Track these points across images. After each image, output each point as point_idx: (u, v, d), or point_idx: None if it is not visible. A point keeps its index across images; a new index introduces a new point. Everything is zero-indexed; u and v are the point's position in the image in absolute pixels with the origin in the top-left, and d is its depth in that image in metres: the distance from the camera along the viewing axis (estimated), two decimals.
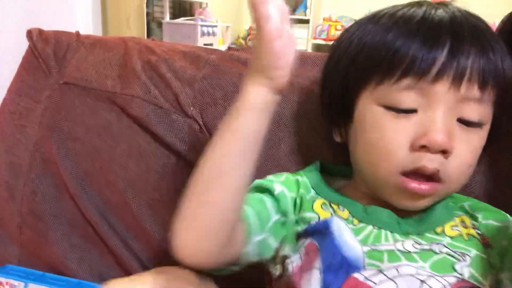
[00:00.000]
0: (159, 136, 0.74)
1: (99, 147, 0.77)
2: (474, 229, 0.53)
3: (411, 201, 0.50)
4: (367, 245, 0.50)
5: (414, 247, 0.50)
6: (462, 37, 0.47)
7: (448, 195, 0.54)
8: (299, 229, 0.53)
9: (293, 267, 0.52)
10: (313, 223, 0.53)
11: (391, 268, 0.48)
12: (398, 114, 0.48)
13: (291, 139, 0.69)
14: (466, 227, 0.53)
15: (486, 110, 0.49)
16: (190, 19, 3.92)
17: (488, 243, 0.52)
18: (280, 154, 0.69)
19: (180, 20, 3.91)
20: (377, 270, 0.48)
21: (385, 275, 0.47)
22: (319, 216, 0.53)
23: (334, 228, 0.51)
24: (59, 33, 0.86)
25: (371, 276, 0.47)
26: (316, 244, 0.51)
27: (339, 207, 0.54)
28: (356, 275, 0.48)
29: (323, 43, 4.62)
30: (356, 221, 0.52)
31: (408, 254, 0.49)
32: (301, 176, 0.58)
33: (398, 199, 0.51)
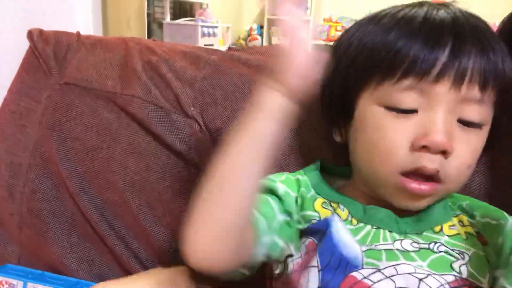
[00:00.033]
0: (159, 136, 0.74)
1: (98, 146, 0.77)
2: (471, 227, 0.53)
3: (410, 201, 0.50)
4: (365, 245, 0.50)
5: (412, 246, 0.50)
6: (463, 37, 0.47)
7: (448, 195, 0.54)
8: (301, 228, 0.53)
9: (293, 266, 0.52)
10: (314, 222, 0.53)
11: (389, 267, 0.48)
12: (398, 115, 0.48)
13: (291, 139, 0.69)
14: (464, 225, 0.53)
15: (487, 110, 0.49)
16: (190, 20, 3.92)
17: (485, 241, 0.52)
18: (280, 154, 0.69)
19: (180, 21, 3.91)
20: (375, 269, 0.48)
21: (383, 273, 0.47)
22: (320, 214, 0.53)
23: (333, 227, 0.51)
24: (59, 34, 0.87)
25: (369, 275, 0.47)
26: (316, 243, 0.51)
27: (339, 206, 0.54)
28: (354, 274, 0.48)
29: (323, 43, 4.62)
30: (355, 221, 0.52)
31: (406, 253, 0.49)
32: (301, 176, 0.58)
33: (397, 199, 0.51)
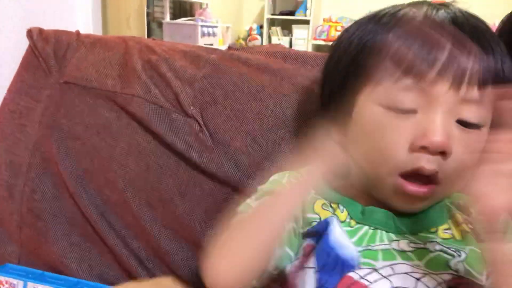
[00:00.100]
0: (159, 135, 0.74)
1: (98, 146, 0.77)
2: (467, 224, 0.53)
3: (408, 204, 0.50)
4: (362, 246, 0.50)
5: (409, 246, 0.50)
6: (462, 38, 0.47)
7: (446, 197, 0.54)
8: (301, 231, 0.53)
9: (290, 267, 0.52)
10: (314, 224, 0.52)
11: (386, 266, 0.48)
12: (397, 115, 0.47)
13: (291, 139, 0.69)
14: (459, 224, 0.53)
15: (486, 111, 0.49)
16: (190, 20, 3.92)
17: (480, 238, 0.52)
18: (281, 154, 0.69)
19: (180, 21, 3.91)
20: (372, 268, 0.48)
21: (380, 273, 0.47)
22: (320, 216, 0.53)
23: (331, 228, 0.51)
24: (59, 33, 0.87)
25: (366, 275, 0.47)
26: (313, 244, 0.51)
27: (338, 207, 0.53)
28: (351, 274, 0.48)
29: (323, 43, 4.62)
30: (353, 223, 0.52)
31: (403, 253, 0.49)
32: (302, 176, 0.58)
33: (395, 201, 0.50)
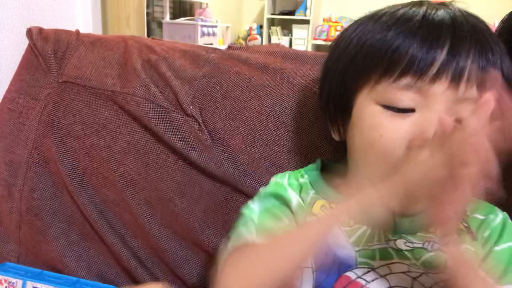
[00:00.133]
0: (158, 134, 0.74)
1: (97, 145, 0.77)
2: (461, 223, 0.53)
3: (406, 205, 0.49)
4: (360, 245, 0.50)
5: (406, 245, 0.50)
6: (462, 37, 0.47)
7: None
8: None
9: None
10: None
11: (383, 266, 0.48)
12: (396, 113, 0.48)
13: (291, 138, 0.69)
14: None
15: None
16: (190, 19, 3.91)
17: (474, 236, 0.52)
18: (279, 153, 0.69)
19: (180, 20, 3.90)
20: (369, 268, 0.48)
21: (377, 273, 0.48)
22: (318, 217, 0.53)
23: None
24: (59, 32, 0.86)
25: (363, 274, 0.48)
26: None
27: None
28: (348, 273, 0.48)
29: (323, 43, 4.62)
30: (352, 222, 0.52)
31: (400, 252, 0.49)
32: (302, 177, 0.58)
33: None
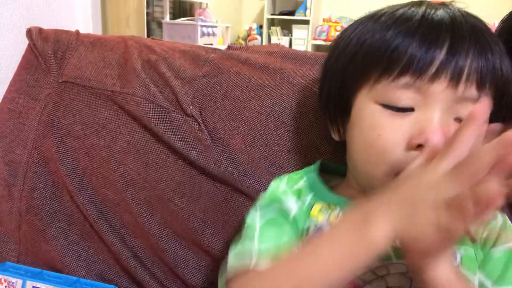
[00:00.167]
0: (158, 134, 0.74)
1: (97, 145, 0.77)
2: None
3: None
4: None
5: None
6: (461, 37, 0.47)
7: None
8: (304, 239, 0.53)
9: None
10: (311, 229, 0.52)
11: (381, 266, 0.48)
12: (395, 113, 0.48)
13: (291, 138, 0.69)
14: None
15: None
16: (190, 19, 3.92)
17: (473, 239, 0.52)
18: (279, 153, 0.69)
19: (180, 21, 3.91)
20: (367, 268, 0.48)
21: (375, 273, 0.47)
22: (317, 220, 0.53)
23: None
24: (58, 32, 0.87)
25: (361, 275, 0.47)
26: None
27: (334, 211, 0.53)
28: None
29: (323, 43, 4.63)
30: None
31: (398, 253, 0.49)
32: (300, 179, 0.57)
33: None
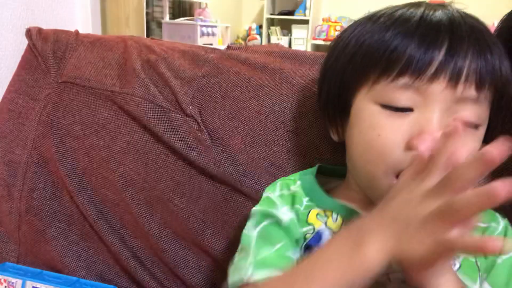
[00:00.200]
0: (157, 134, 0.74)
1: (97, 145, 0.77)
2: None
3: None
4: None
5: None
6: (460, 37, 0.47)
7: None
8: (301, 246, 0.53)
9: None
10: (308, 237, 0.52)
11: (381, 275, 0.47)
12: (394, 113, 0.48)
13: (290, 138, 0.69)
14: None
15: (483, 110, 0.49)
16: (189, 19, 3.92)
17: (472, 252, 0.51)
18: (278, 153, 0.69)
19: (179, 20, 3.91)
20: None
21: (376, 281, 0.47)
22: (314, 226, 0.53)
23: (322, 241, 0.51)
24: (58, 32, 0.87)
25: None
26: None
27: (331, 216, 0.53)
28: None
29: (323, 43, 4.63)
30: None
31: None
32: (294, 183, 0.57)
33: None
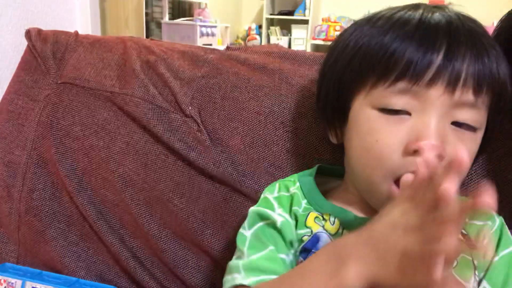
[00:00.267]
0: (157, 135, 0.74)
1: (96, 145, 0.77)
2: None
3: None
4: None
5: None
6: (458, 41, 0.46)
7: None
8: (297, 249, 0.53)
9: None
10: (305, 239, 0.52)
11: None
12: (391, 117, 0.47)
13: (290, 138, 0.69)
14: None
15: (481, 114, 0.48)
16: (189, 20, 3.92)
17: (472, 244, 0.51)
18: (278, 154, 0.69)
19: (179, 21, 3.91)
20: None
21: None
22: (312, 230, 0.52)
23: (319, 244, 0.51)
24: (57, 33, 0.87)
25: None
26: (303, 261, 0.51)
27: (329, 219, 0.53)
28: None
29: (322, 43, 4.63)
30: (346, 233, 0.51)
31: None
32: (293, 184, 0.57)
33: None
